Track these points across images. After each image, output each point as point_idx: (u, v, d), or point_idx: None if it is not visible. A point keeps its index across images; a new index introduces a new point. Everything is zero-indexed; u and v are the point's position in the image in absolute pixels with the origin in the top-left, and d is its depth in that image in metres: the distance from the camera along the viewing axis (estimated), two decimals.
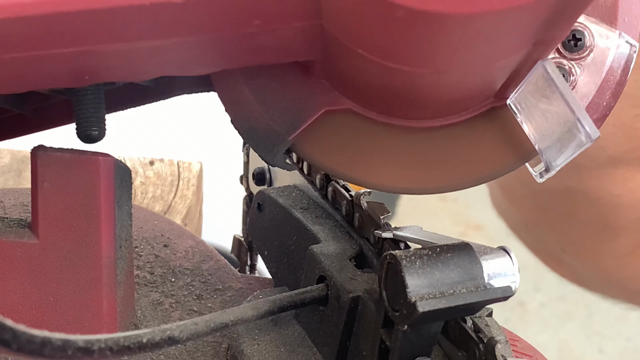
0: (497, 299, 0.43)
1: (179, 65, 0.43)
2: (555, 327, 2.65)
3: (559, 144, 0.42)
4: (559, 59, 0.44)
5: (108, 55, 0.40)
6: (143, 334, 0.38)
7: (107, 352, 0.35)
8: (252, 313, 0.47)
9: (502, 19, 0.34)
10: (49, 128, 0.57)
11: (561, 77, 0.41)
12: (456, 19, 0.34)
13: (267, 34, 0.39)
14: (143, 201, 0.82)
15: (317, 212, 0.57)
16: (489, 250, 0.45)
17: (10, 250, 0.49)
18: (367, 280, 0.50)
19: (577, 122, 0.40)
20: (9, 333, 0.32)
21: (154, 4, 0.36)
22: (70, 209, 0.49)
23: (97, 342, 0.35)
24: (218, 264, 0.63)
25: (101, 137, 0.48)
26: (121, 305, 0.52)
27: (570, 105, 0.40)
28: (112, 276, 0.51)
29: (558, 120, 0.41)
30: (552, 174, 0.43)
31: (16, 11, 0.35)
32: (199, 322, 0.42)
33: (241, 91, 0.45)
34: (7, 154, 0.86)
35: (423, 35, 0.35)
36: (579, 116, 0.40)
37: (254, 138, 0.47)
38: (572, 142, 0.41)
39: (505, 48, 0.38)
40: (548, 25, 0.37)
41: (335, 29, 0.38)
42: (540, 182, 0.44)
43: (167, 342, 0.39)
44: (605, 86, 0.45)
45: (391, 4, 0.33)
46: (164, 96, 0.55)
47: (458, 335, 0.45)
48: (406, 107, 0.44)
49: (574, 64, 0.44)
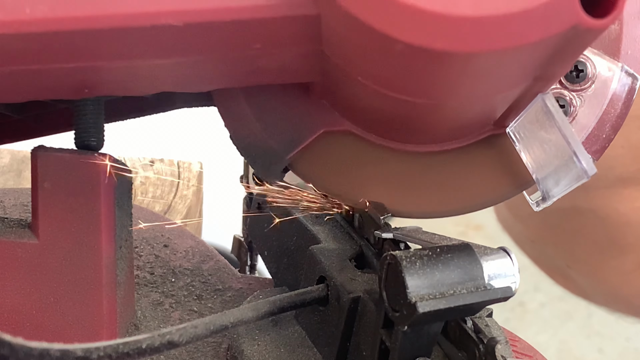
0: (497, 299, 0.43)
1: (178, 82, 0.43)
2: (555, 327, 2.64)
3: (556, 175, 0.42)
4: (560, 89, 0.44)
5: (108, 71, 0.40)
6: (142, 340, 0.38)
7: (107, 359, 0.35)
8: (252, 314, 0.47)
9: (501, 58, 0.34)
10: (49, 134, 0.57)
11: (560, 111, 0.41)
12: (454, 57, 0.33)
13: (267, 57, 0.39)
14: (143, 201, 0.82)
15: (317, 213, 0.57)
16: (489, 251, 0.45)
17: (10, 250, 0.49)
18: (367, 281, 0.50)
19: (574, 157, 0.40)
20: (6, 347, 0.32)
21: (155, 26, 0.36)
22: (70, 209, 0.49)
23: (95, 350, 0.35)
24: (218, 264, 0.63)
25: (99, 147, 0.49)
26: (121, 306, 0.52)
27: (567, 139, 0.41)
28: (112, 276, 0.51)
29: (556, 152, 0.41)
30: (549, 204, 0.43)
31: (19, 28, 0.35)
32: (198, 325, 0.42)
33: (241, 108, 0.45)
34: (7, 154, 0.86)
35: (422, 69, 0.35)
36: (576, 150, 0.40)
37: (252, 155, 0.47)
38: (568, 174, 0.41)
39: (504, 83, 0.38)
40: (548, 63, 0.37)
41: (335, 56, 0.38)
42: (537, 210, 0.44)
43: (167, 347, 0.39)
44: (606, 118, 0.45)
45: (390, 39, 0.33)
46: (164, 109, 0.55)
47: (458, 335, 0.44)
48: (405, 131, 0.45)
49: (575, 95, 0.44)
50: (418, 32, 0.33)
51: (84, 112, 0.48)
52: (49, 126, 0.56)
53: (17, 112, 0.54)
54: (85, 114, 0.48)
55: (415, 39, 0.33)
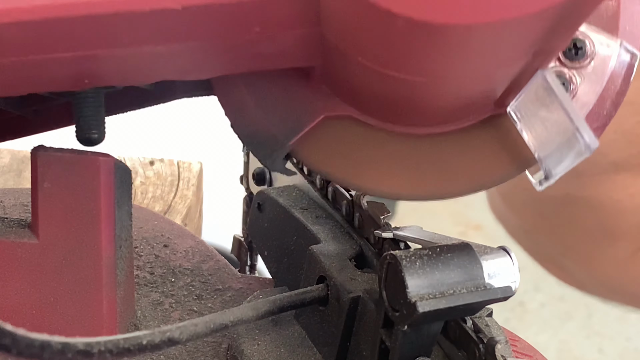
0: (497, 299, 0.43)
1: (178, 69, 0.43)
2: (555, 327, 2.64)
3: (558, 152, 0.42)
4: (559, 67, 0.44)
5: (108, 60, 0.40)
6: (143, 336, 0.38)
7: (107, 354, 0.35)
8: (252, 313, 0.47)
9: (502, 30, 0.34)
10: (48, 130, 0.57)
11: (561, 87, 0.41)
12: (455, 30, 0.33)
13: (266, 41, 0.39)
14: (143, 201, 0.82)
15: (317, 212, 0.57)
16: (489, 250, 0.45)
17: (10, 250, 0.49)
18: (367, 280, 0.50)
19: (576, 132, 0.40)
20: (8, 337, 0.32)
21: (154, 10, 0.36)
22: (70, 209, 0.49)
23: (96, 344, 0.35)
24: (218, 264, 0.63)
25: (100, 140, 0.48)
26: (121, 306, 0.52)
27: (569, 115, 0.40)
28: (112, 276, 0.51)
29: (557, 129, 0.41)
30: (552, 182, 0.43)
31: (16, 16, 0.35)
32: (198, 323, 0.42)
33: (241, 96, 0.45)
34: (7, 154, 0.86)
35: (422, 45, 0.35)
36: (578, 126, 0.40)
37: (254, 143, 0.47)
38: (571, 151, 0.41)
39: (505, 58, 0.38)
40: (548, 36, 0.37)
41: (335, 37, 0.38)
42: (540, 190, 0.44)
43: (167, 344, 0.39)
44: (606, 95, 0.45)
45: (390, 14, 0.33)
46: (164, 100, 0.55)
47: (458, 335, 0.45)
48: (406, 114, 0.44)
49: (575, 73, 0.44)
50: (418, 5, 0.33)
51: (84, 105, 0.48)
52: (49, 121, 0.56)
53: (16, 107, 0.54)
54: (86, 106, 0.48)
55: (415, 12, 0.33)
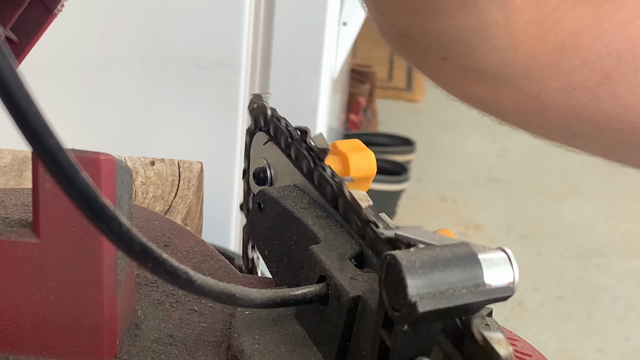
0: (496, 298, 0.43)
1: None
2: (555, 327, 2.65)
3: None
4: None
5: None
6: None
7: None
8: (256, 295, 0.48)
9: None
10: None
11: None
12: None
13: None
14: (143, 201, 0.82)
15: (317, 212, 0.57)
16: (488, 250, 0.45)
17: (11, 250, 0.50)
18: (367, 280, 0.50)
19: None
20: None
21: None
22: (71, 209, 0.49)
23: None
24: (218, 264, 0.63)
25: None
26: (122, 305, 0.52)
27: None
28: (113, 276, 0.51)
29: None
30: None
31: None
32: (210, 282, 0.44)
33: None
34: (8, 154, 0.87)
35: None
36: None
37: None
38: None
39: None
40: None
41: None
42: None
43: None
44: None
45: None
46: None
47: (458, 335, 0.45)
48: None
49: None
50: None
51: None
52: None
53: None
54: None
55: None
